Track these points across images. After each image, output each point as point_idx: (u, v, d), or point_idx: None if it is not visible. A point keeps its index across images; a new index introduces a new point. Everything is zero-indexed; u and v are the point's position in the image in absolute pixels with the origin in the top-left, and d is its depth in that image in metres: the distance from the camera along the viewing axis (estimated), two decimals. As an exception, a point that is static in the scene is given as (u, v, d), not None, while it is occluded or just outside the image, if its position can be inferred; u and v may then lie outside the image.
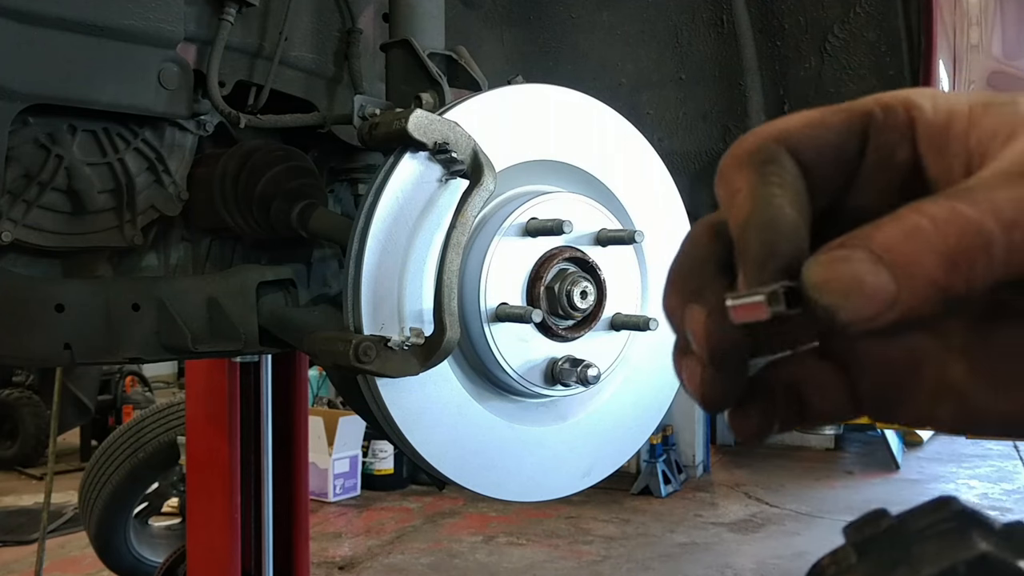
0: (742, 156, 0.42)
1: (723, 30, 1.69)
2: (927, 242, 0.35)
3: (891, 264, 0.35)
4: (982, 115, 0.40)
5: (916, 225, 0.35)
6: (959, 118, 0.41)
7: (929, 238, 0.35)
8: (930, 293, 0.35)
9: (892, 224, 0.36)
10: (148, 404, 6.65)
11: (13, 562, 5.62)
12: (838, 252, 0.36)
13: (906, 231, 0.35)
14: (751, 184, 0.41)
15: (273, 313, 1.52)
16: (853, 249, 0.36)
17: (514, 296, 1.24)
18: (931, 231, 0.35)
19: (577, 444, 1.37)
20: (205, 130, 1.52)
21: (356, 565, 5.70)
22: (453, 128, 1.18)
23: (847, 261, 0.36)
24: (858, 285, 0.35)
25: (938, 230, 0.35)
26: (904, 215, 0.36)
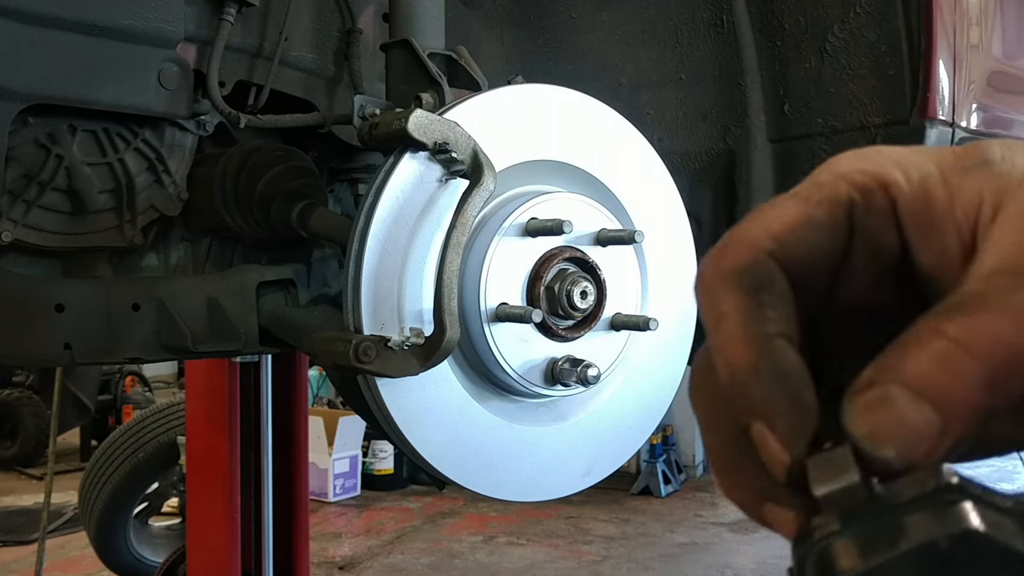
0: (731, 274, 0.39)
1: (723, 30, 1.69)
2: (961, 368, 0.34)
3: (931, 398, 0.34)
4: (960, 184, 0.38)
5: (944, 351, 0.34)
6: (936, 188, 0.38)
7: (961, 363, 0.34)
8: (976, 416, 0.34)
9: (919, 352, 0.34)
10: (148, 404, 6.65)
11: (13, 562, 5.62)
12: (874, 393, 0.35)
13: (936, 358, 0.34)
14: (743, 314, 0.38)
15: (273, 313, 1.52)
16: (887, 386, 0.34)
17: (514, 296, 1.24)
18: (960, 355, 0.34)
19: (577, 444, 1.37)
20: (205, 130, 1.52)
21: (356, 565, 5.70)
22: (453, 128, 1.18)
23: (887, 404, 0.34)
24: (904, 428, 0.34)
25: (968, 353, 0.34)
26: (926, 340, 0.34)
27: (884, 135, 1.54)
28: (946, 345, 0.34)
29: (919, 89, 1.50)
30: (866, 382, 0.35)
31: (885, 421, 0.34)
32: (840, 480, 0.35)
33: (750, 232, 0.39)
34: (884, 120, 1.54)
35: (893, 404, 0.34)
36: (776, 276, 0.38)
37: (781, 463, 0.37)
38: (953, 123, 1.55)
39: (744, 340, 0.37)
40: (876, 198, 0.39)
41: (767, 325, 0.37)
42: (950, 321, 0.34)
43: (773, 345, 0.37)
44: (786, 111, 1.65)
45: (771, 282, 0.38)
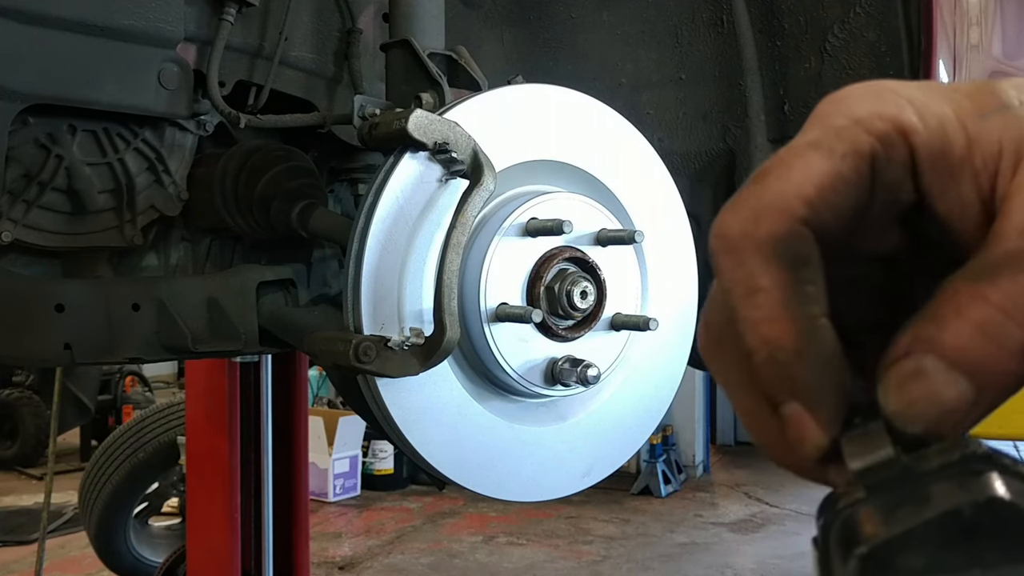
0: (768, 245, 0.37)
1: (723, 30, 1.69)
2: (1002, 338, 0.33)
3: (968, 371, 0.33)
4: (978, 130, 0.37)
5: (985, 319, 0.33)
6: (955, 134, 0.37)
7: (1003, 332, 0.33)
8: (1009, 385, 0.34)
9: (958, 321, 0.33)
10: (148, 404, 6.65)
11: (13, 562, 5.62)
12: (908, 366, 0.34)
13: (977, 328, 0.33)
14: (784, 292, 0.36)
15: (273, 313, 1.52)
16: (923, 358, 0.33)
17: (514, 296, 1.24)
18: (1003, 323, 0.33)
19: (577, 444, 1.37)
20: (205, 130, 1.52)
21: (356, 565, 5.70)
22: (453, 128, 1.18)
23: (921, 377, 0.33)
24: (939, 403, 0.33)
25: (1013, 320, 0.32)
26: (966, 305, 0.33)
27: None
28: (989, 312, 0.33)
29: (919, 89, 1.50)
30: (902, 351, 0.34)
31: (918, 397, 0.33)
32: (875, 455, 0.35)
33: (783, 195, 0.37)
34: (884, 120, 1.53)
35: (927, 378, 0.33)
36: (814, 249, 0.37)
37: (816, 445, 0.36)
38: (953, 123, 1.55)
39: (787, 320, 0.36)
40: (896, 147, 0.37)
41: (810, 305, 0.36)
42: (992, 285, 0.33)
43: (817, 326, 0.36)
44: (786, 111, 1.65)
45: (810, 255, 0.37)
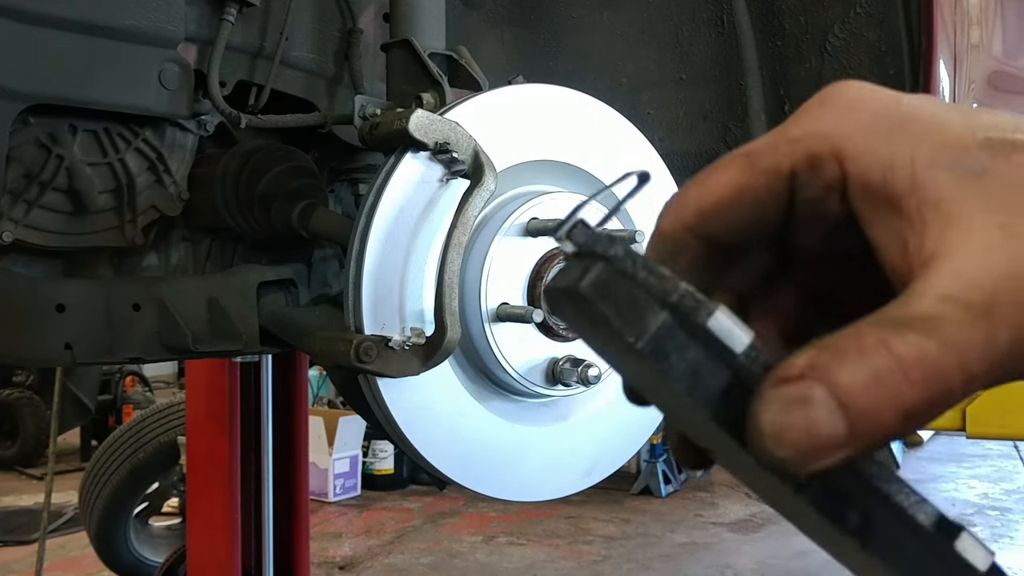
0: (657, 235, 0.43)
1: (723, 30, 1.69)
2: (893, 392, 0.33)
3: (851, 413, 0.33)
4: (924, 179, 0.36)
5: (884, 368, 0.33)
6: (899, 177, 0.37)
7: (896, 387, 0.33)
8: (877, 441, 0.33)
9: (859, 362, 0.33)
10: (148, 404, 6.65)
11: (13, 562, 5.62)
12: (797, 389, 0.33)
13: (873, 374, 0.33)
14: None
15: (274, 313, 1.52)
16: (814, 386, 0.33)
17: (515, 296, 1.24)
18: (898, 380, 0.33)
19: (578, 444, 1.37)
20: (206, 130, 1.52)
21: (356, 565, 5.70)
22: (454, 128, 1.18)
23: (807, 405, 0.33)
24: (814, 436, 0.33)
25: (906, 377, 0.33)
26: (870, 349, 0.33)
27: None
28: (890, 364, 0.33)
29: (920, 89, 1.50)
30: (796, 372, 0.34)
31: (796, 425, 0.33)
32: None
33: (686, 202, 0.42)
34: (885, 120, 1.53)
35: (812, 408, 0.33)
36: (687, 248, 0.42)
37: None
38: (954, 123, 1.55)
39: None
40: (826, 169, 0.39)
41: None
42: (900, 338, 0.33)
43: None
44: (787, 111, 1.65)
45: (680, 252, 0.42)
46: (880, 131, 0.38)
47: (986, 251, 0.34)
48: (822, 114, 0.40)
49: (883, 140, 0.38)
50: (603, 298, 0.37)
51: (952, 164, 0.36)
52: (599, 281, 0.37)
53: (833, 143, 0.39)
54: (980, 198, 0.35)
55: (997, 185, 0.35)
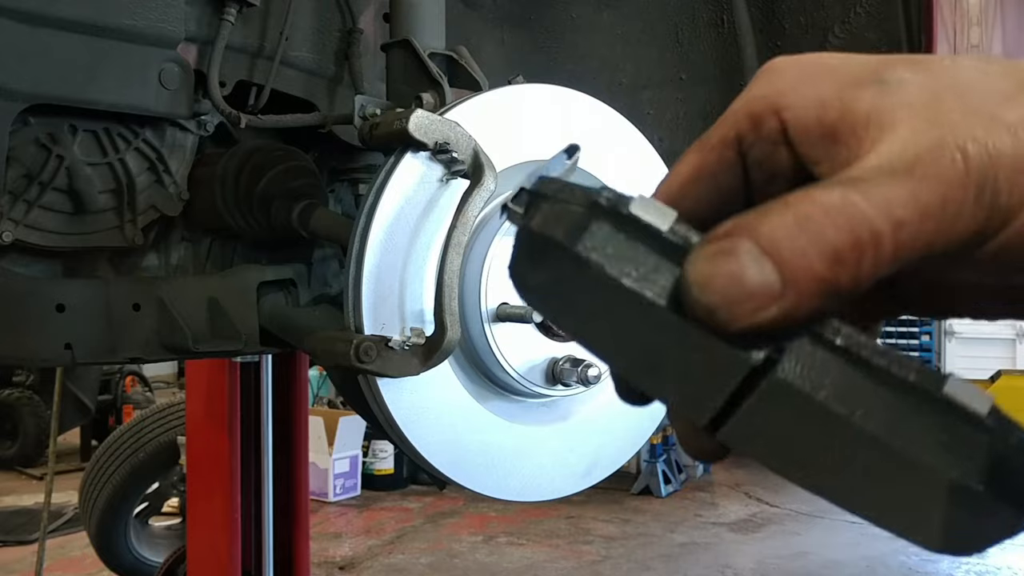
0: None
1: (723, 30, 1.70)
2: (816, 234, 0.34)
3: (777, 258, 0.34)
4: (851, 99, 0.39)
5: (806, 214, 0.34)
6: (830, 107, 0.40)
7: (819, 230, 0.34)
8: (814, 289, 0.34)
9: (780, 213, 0.35)
10: (148, 404, 6.65)
11: (13, 562, 5.62)
12: (722, 244, 0.35)
13: (795, 221, 0.34)
14: None
15: (274, 313, 1.52)
16: (738, 240, 0.34)
17: (515, 296, 1.24)
18: (821, 221, 0.34)
19: (577, 444, 1.37)
20: (206, 130, 1.52)
21: (356, 565, 5.70)
22: (454, 128, 1.18)
23: (731, 255, 0.34)
24: (740, 284, 0.34)
25: (829, 220, 0.34)
26: (793, 202, 0.35)
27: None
28: (811, 210, 0.34)
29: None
30: (721, 232, 0.35)
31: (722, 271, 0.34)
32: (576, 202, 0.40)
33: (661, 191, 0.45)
34: (884, 120, 1.54)
35: (735, 256, 0.34)
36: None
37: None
38: (953, 123, 1.55)
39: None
40: (766, 124, 0.42)
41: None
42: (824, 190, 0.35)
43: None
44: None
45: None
46: (806, 79, 0.41)
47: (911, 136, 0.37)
48: (754, 84, 0.44)
49: (810, 85, 0.41)
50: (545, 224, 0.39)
51: (874, 81, 0.39)
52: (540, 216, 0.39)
53: (768, 100, 0.42)
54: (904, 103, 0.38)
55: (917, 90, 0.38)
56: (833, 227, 0.34)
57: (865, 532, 6.12)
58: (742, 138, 0.42)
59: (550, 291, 0.41)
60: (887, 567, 5.50)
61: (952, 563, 5.60)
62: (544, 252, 0.39)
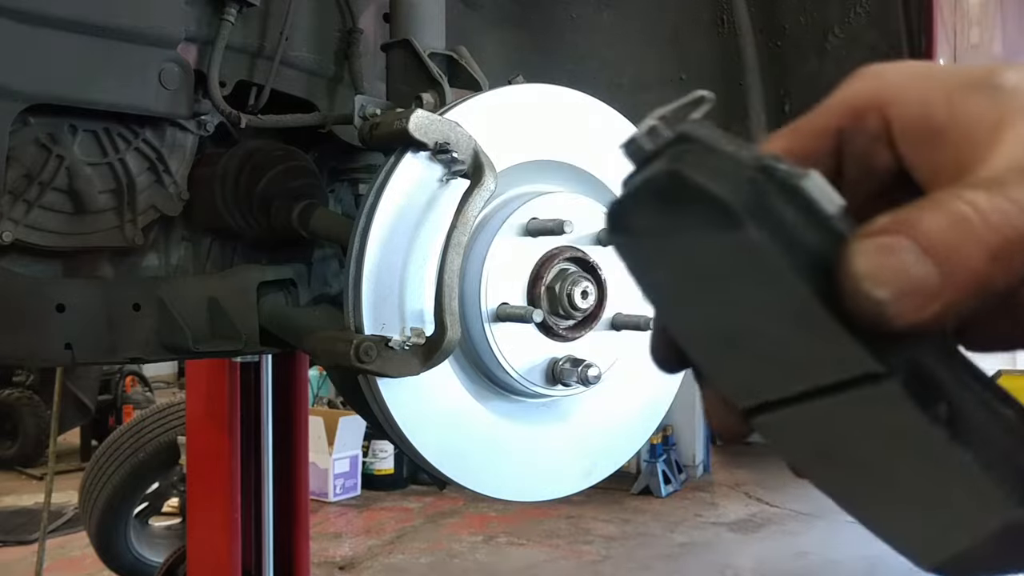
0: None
1: (724, 30, 1.70)
2: (974, 233, 0.34)
3: (937, 255, 0.34)
4: (963, 102, 0.39)
5: (962, 214, 0.35)
6: (936, 105, 0.40)
7: (976, 228, 0.34)
8: (972, 285, 0.34)
9: (936, 211, 0.35)
10: (148, 404, 6.65)
11: (13, 562, 5.62)
12: (883, 240, 0.35)
13: (952, 219, 0.35)
14: None
15: (274, 313, 1.52)
16: (897, 236, 0.35)
17: (515, 296, 1.24)
18: (977, 221, 0.34)
19: (577, 444, 1.37)
20: (206, 130, 1.52)
21: (356, 565, 5.70)
22: (454, 128, 1.18)
23: (894, 251, 0.34)
24: (907, 276, 0.34)
25: (984, 220, 0.34)
26: (946, 201, 0.35)
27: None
28: (965, 208, 0.35)
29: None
30: (879, 228, 0.35)
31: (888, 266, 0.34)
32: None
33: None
34: (885, 120, 1.54)
35: (898, 253, 0.34)
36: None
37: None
38: (954, 123, 1.55)
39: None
40: (869, 120, 0.42)
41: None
42: (973, 191, 0.35)
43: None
44: (787, 111, 1.65)
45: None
46: (910, 78, 0.42)
47: None
48: (855, 82, 0.44)
49: (916, 83, 0.41)
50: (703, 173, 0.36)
51: (981, 87, 0.39)
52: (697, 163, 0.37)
53: (873, 94, 0.42)
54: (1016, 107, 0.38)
55: None
56: (986, 227, 0.34)
57: (865, 532, 6.12)
58: (843, 130, 0.43)
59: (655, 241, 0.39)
60: (887, 567, 5.50)
61: (952, 563, 5.60)
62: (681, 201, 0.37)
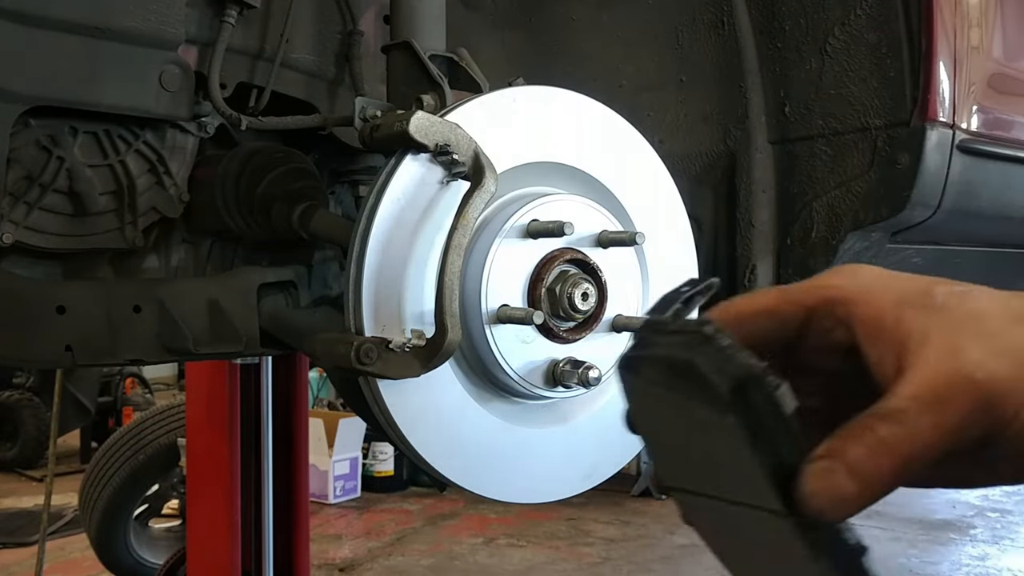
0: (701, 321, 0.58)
1: (724, 32, 1.70)
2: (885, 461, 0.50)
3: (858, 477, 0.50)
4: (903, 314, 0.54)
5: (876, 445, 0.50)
6: (887, 316, 0.54)
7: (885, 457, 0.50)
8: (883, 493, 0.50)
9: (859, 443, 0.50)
10: (148, 406, 6.65)
11: (13, 564, 5.62)
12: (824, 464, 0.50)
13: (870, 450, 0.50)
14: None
15: (274, 315, 1.52)
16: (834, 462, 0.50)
17: (515, 298, 1.24)
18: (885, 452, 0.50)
19: (578, 446, 1.37)
20: (206, 132, 1.52)
21: (356, 567, 5.70)
22: (454, 130, 1.18)
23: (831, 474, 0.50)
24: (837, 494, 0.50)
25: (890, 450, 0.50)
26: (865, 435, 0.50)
27: (884, 137, 1.54)
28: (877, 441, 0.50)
29: (920, 91, 1.50)
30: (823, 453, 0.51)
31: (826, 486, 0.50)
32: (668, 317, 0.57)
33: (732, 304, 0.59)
34: (885, 122, 1.54)
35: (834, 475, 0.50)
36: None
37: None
38: (953, 125, 1.55)
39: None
40: (837, 308, 0.57)
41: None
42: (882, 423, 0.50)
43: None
44: (787, 113, 1.65)
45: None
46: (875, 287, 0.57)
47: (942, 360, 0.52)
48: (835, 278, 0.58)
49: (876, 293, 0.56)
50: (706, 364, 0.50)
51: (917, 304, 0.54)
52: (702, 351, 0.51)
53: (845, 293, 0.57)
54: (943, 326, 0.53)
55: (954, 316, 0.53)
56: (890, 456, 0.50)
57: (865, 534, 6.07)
58: (815, 310, 0.57)
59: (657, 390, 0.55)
60: (887, 568, 5.49)
61: (952, 565, 5.60)
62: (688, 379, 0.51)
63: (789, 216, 1.67)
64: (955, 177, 1.56)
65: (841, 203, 1.59)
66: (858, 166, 1.57)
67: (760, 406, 0.50)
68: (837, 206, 1.60)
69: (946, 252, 1.83)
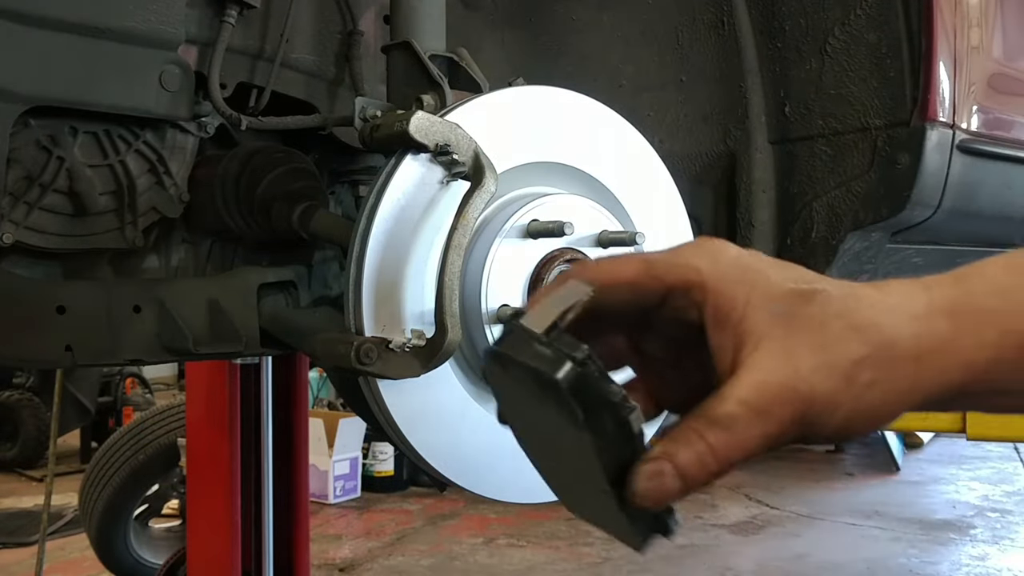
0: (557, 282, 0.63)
1: (724, 32, 1.70)
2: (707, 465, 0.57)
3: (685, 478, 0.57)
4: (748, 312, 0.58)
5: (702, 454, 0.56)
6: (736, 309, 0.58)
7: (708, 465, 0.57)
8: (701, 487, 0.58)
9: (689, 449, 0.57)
10: (148, 406, 6.65)
11: (13, 564, 5.62)
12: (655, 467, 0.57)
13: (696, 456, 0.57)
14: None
15: (274, 315, 1.52)
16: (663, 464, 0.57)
17: (515, 298, 1.24)
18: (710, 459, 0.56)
19: (578, 446, 1.37)
20: (206, 132, 1.52)
21: (356, 567, 5.70)
22: (454, 130, 1.18)
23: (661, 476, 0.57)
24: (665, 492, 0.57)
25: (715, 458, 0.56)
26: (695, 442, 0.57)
27: (885, 137, 1.54)
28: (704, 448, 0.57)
29: (920, 91, 1.50)
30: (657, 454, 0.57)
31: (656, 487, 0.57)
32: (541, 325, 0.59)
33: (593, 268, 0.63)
34: (884, 122, 1.54)
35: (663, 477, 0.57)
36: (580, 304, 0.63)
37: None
38: (953, 125, 1.55)
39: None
40: (694, 293, 0.60)
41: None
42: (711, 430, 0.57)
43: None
44: (787, 113, 1.65)
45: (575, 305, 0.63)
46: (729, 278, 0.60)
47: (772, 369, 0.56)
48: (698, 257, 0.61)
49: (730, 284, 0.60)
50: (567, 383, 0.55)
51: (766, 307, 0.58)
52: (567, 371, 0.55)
53: (703, 278, 0.60)
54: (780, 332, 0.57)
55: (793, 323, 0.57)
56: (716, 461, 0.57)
57: (865, 534, 6.12)
58: (673, 288, 0.61)
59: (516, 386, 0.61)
60: (887, 569, 5.49)
61: (952, 565, 5.59)
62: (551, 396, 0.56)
63: (789, 216, 1.67)
64: (955, 177, 1.56)
65: (841, 203, 1.59)
66: (858, 166, 1.57)
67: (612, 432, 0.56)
68: (837, 206, 1.60)
69: (946, 252, 1.83)
